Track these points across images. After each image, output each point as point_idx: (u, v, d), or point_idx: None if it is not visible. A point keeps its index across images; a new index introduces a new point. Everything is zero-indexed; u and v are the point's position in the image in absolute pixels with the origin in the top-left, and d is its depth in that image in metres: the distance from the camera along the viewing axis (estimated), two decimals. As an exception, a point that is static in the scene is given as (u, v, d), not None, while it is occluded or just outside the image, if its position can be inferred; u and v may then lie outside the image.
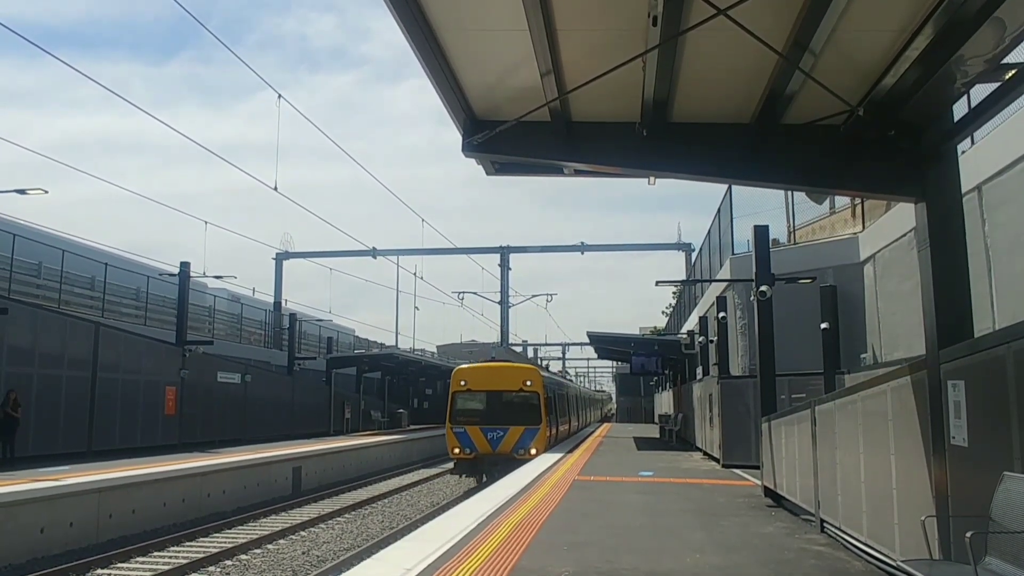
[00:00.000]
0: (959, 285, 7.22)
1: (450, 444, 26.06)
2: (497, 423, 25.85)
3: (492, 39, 7.50)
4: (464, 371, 27.56)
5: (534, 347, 73.54)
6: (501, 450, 25.38)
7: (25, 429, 22.59)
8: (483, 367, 28.07)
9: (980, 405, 6.00)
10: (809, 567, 8.83)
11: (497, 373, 27.28)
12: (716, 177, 10.18)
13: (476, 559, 8.94)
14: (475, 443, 25.57)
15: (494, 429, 25.64)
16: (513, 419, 25.98)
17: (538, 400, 26.24)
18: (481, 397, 26.70)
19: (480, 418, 26.18)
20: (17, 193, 22.00)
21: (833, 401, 10.17)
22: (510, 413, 26.29)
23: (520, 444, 25.45)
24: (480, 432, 25.66)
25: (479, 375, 27.13)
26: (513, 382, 26.79)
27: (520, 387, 26.50)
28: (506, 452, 25.20)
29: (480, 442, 25.56)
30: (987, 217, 12.97)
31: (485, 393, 26.68)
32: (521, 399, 26.53)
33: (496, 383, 26.78)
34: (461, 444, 25.73)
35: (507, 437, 25.52)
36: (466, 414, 26.47)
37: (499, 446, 25.44)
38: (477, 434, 25.67)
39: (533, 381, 26.64)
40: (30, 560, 14.26)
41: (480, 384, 26.81)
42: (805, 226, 26.89)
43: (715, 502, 14.26)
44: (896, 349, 18.59)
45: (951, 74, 6.57)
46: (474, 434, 25.70)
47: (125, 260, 35.90)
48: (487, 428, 25.71)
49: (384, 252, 51.09)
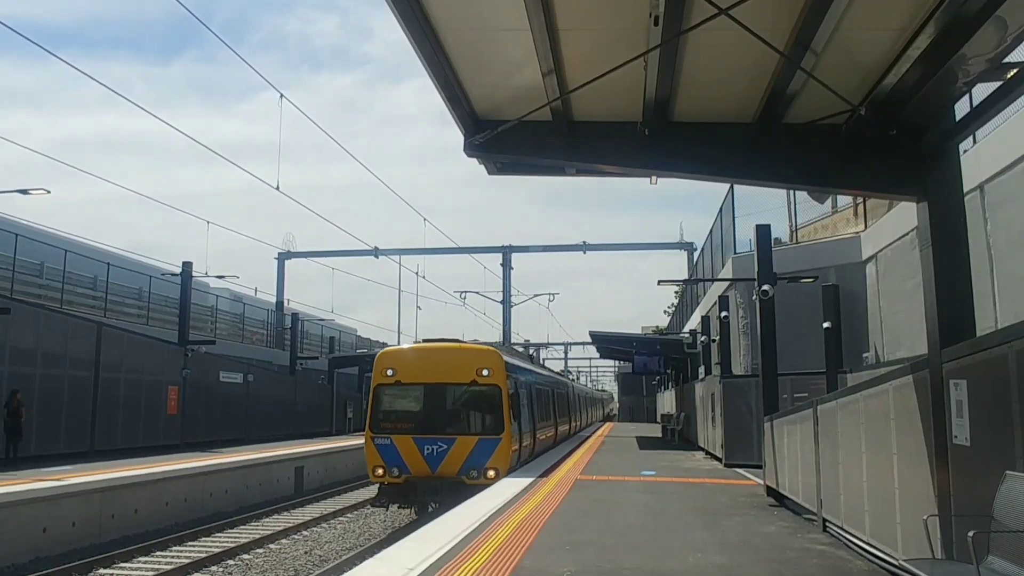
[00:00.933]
0: (961, 284, 7.21)
1: (370, 461, 18.35)
2: (438, 431, 18.19)
3: (494, 39, 7.50)
4: (391, 355, 19.68)
5: (536, 347, 73.48)
6: (444, 471, 17.72)
7: (28, 429, 22.61)
8: (418, 349, 20.14)
9: (982, 404, 6.00)
10: (811, 566, 8.83)
11: (439, 358, 19.11)
12: (718, 177, 10.20)
13: (478, 559, 8.94)
14: (406, 460, 17.92)
15: (434, 440, 17.96)
16: (462, 425, 18.74)
17: (499, 397, 18.36)
18: (416, 393, 18.88)
19: (414, 424, 18.44)
20: (20, 193, 22.04)
21: (835, 400, 10.17)
22: (458, 417, 18.98)
23: (472, 463, 17.77)
24: (414, 444, 17.97)
25: (413, 361, 19.19)
26: (462, 370, 18.70)
27: (473, 378, 18.49)
28: (450, 474, 17.63)
29: (413, 459, 17.90)
30: (989, 216, 12.96)
31: (421, 387, 18.73)
32: (474, 396, 18.92)
33: (437, 372, 18.74)
34: (386, 462, 18.03)
35: (453, 452, 17.84)
36: (394, 418, 18.76)
37: (441, 465, 17.77)
38: (409, 448, 17.98)
39: (492, 369, 18.51)
40: (33, 560, 14.28)
41: (414, 374, 18.82)
42: (807, 225, 26.89)
43: (717, 501, 14.25)
44: (898, 348, 18.58)
45: (953, 73, 6.56)
46: (405, 447, 18.01)
47: (127, 260, 35.97)
48: (423, 439, 18.01)
49: (386, 252, 51.09)
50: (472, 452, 17.87)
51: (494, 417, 18.47)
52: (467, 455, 17.83)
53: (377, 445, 18.26)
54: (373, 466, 18.27)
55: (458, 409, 19.07)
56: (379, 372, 18.95)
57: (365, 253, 50.51)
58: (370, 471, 18.54)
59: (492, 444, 18.05)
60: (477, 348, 20.03)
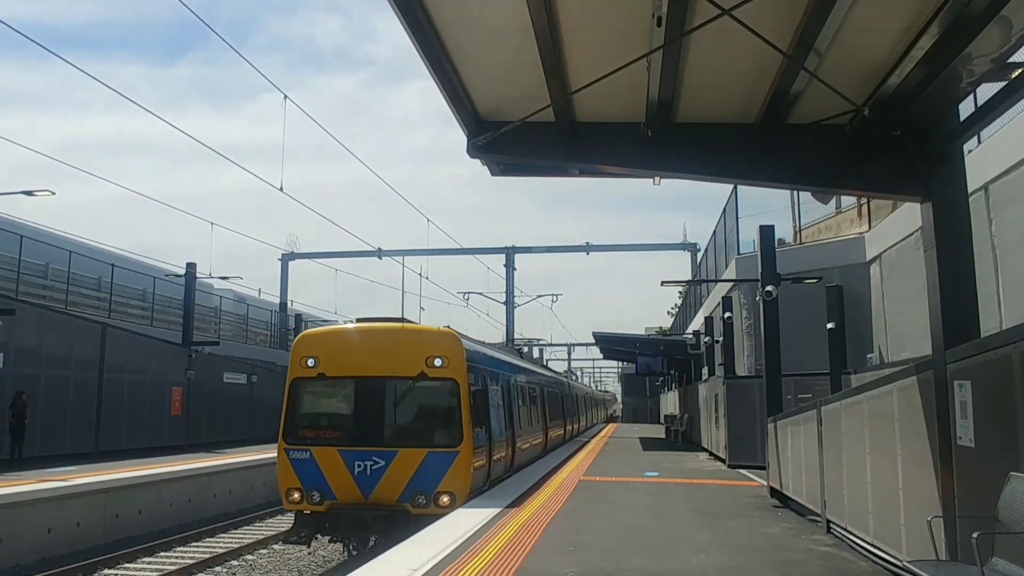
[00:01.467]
0: (965, 285, 7.20)
1: (283, 482, 13.89)
2: (374, 442, 13.80)
3: (497, 40, 7.50)
4: (312, 340, 15.22)
5: (540, 347, 73.42)
6: (381, 496, 13.37)
7: (32, 430, 22.68)
8: (349, 332, 15.23)
9: (987, 405, 5.98)
10: (815, 567, 8.81)
11: (376, 344, 14.53)
12: (721, 177, 10.19)
13: (481, 560, 8.94)
14: (330, 481, 13.58)
15: (367, 454, 13.58)
16: (406, 434, 14.26)
17: (456, 395, 13.96)
18: (344, 390, 14.62)
19: (342, 432, 14.15)
20: (24, 195, 22.13)
21: (839, 401, 10.15)
22: (401, 422, 14.54)
23: (419, 484, 13.38)
24: (340, 460, 13.61)
25: (341, 348, 14.67)
26: (408, 360, 14.12)
27: (421, 370, 13.97)
28: (389, 500, 13.31)
29: (340, 480, 13.55)
30: (994, 216, 12.93)
31: (352, 382, 14.37)
32: (424, 394, 14.54)
33: (374, 362, 14.23)
34: (304, 483, 13.62)
35: (393, 470, 13.46)
36: (315, 424, 14.49)
37: (377, 488, 13.41)
38: (334, 464, 13.63)
39: (447, 358, 14.04)
40: (37, 560, 14.31)
41: (343, 365, 14.38)
42: (811, 226, 26.84)
43: (721, 502, 14.24)
44: (903, 349, 18.54)
45: (957, 73, 6.56)
46: (329, 463, 13.65)
47: (131, 261, 36.01)
48: (354, 452, 13.65)
49: (389, 252, 51.06)
50: (419, 470, 13.39)
51: (449, 422, 13.96)
52: (412, 474, 13.37)
53: (292, 460, 13.80)
54: (287, 488, 13.69)
55: (401, 412, 14.55)
56: (297, 362, 14.40)
57: (368, 254, 50.49)
58: (283, 495, 13.87)
59: (446, 459, 13.52)
60: (428, 330, 15.36)
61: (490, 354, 18.70)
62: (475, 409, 14.13)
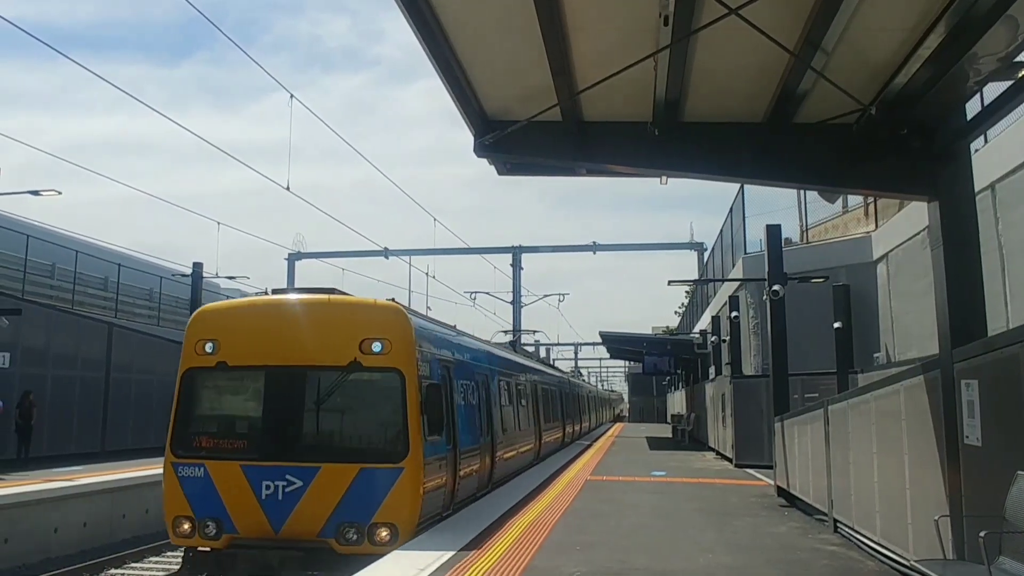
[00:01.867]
0: (972, 284, 7.19)
1: (169, 508, 10.78)
2: (288, 455, 10.60)
3: (503, 39, 7.50)
4: (211, 318, 11.68)
5: (547, 346, 73.46)
6: (295, 529, 10.24)
7: (39, 429, 22.75)
8: (261, 306, 12.14)
9: (994, 404, 5.98)
10: (822, 567, 8.81)
11: (293, 322, 11.21)
12: (728, 177, 10.19)
13: (489, 559, 8.95)
14: (230, 507, 10.44)
15: (279, 471, 10.39)
16: (332, 444, 11.12)
17: (400, 391, 10.67)
18: (252, 385, 11.39)
19: (247, 441, 11.09)
20: (31, 194, 22.17)
21: (846, 401, 10.15)
22: (325, 428, 11.33)
23: (347, 513, 10.21)
24: (244, 478, 10.45)
25: (248, 328, 11.41)
26: (336, 344, 10.89)
27: (354, 357, 10.72)
28: (308, 535, 10.18)
29: (242, 505, 10.41)
30: (1001, 216, 12.89)
31: (262, 374, 11.09)
32: (358, 389, 11.15)
33: (291, 348, 10.97)
34: (195, 509, 10.57)
35: (313, 493, 10.30)
36: (212, 429, 11.28)
37: (291, 518, 10.26)
38: (235, 483, 10.48)
39: (390, 341, 10.79)
40: (43, 560, 14.35)
41: (249, 351, 11.12)
42: (818, 225, 26.79)
43: (727, 502, 14.24)
44: (909, 348, 18.50)
45: (964, 72, 6.54)
46: (228, 483, 10.52)
47: (138, 261, 36.07)
48: (261, 468, 10.48)
49: (396, 252, 51.07)
50: (349, 493, 10.12)
51: (391, 428, 10.71)
52: (339, 499, 10.10)
53: (181, 478, 10.61)
54: (174, 517, 10.56)
55: (327, 414, 11.14)
56: (191, 347, 11.12)
57: (375, 254, 50.50)
58: (168, 525, 10.68)
59: (386, 478, 10.22)
60: (363, 304, 11.52)
61: (454, 339, 14.66)
62: (428, 409, 10.71)
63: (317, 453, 10.65)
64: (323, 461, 10.43)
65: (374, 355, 10.66)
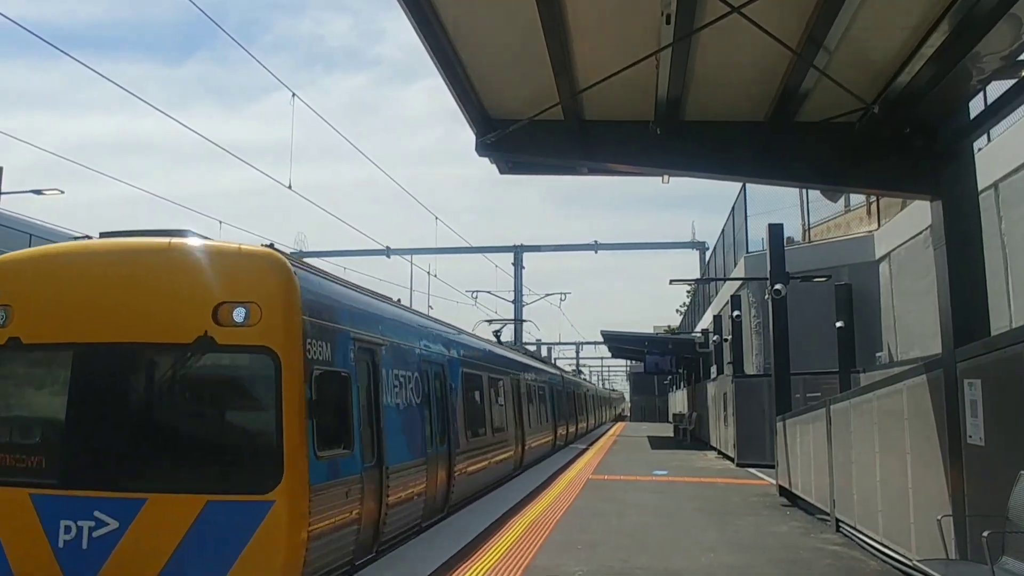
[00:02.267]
0: (975, 283, 7.18)
1: None
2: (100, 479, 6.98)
3: (505, 38, 7.49)
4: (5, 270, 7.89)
5: (548, 346, 73.46)
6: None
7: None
8: (73, 257, 7.93)
9: (997, 404, 5.97)
10: (824, 567, 8.80)
11: (121, 278, 7.51)
12: (730, 175, 10.19)
13: (490, 558, 8.96)
14: (11, 560, 6.90)
15: (85, 504, 6.82)
16: (168, 463, 7.34)
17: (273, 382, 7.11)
18: (54, 372, 7.71)
19: (43, 457, 7.33)
20: (34, 193, 22.24)
21: (848, 400, 10.14)
22: (160, 439, 7.49)
23: (185, 569, 6.74)
24: (33, 514, 6.87)
25: (55, 288, 7.61)
26: (178, 309, 7.31)
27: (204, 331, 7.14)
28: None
29: (29, 555, 6.85)
30: (1004, 214, 12.87)
31: (69, 355, 7.37)
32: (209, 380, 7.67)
33: (114, 316, 7.36)
34: None
35: (133, 538, 6.74)
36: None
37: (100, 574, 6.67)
38: (20, 522, 6.90)
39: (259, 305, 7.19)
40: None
41: (55, 321, 7.45)
42: (820, 224, 26.78)
43: (729, 501, 14.23)
44: (912, 348, 18.47)
45: (967, 71, 6.53)
46: (11, 522, 6.97)
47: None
48: (60, 499, 6.90)
49: (398, 251, 51.05)
50: (188, 539, 6.85)
51: (257, 439, 7.44)
52: (174, 548, 6.83)
53: None
54: None
55: (161, 416, 7.68)
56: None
57: (377, 253, 50.45)
58: None
59: (247, 516, 6.89)
60: (221, 251, 7.82)
61: (386, 313, 10.92)
62: (321, 411, 7.53)
63: (143, 478, 7.09)
64: (152, 490, 6.97)
65: (235, 327, 7.16)
